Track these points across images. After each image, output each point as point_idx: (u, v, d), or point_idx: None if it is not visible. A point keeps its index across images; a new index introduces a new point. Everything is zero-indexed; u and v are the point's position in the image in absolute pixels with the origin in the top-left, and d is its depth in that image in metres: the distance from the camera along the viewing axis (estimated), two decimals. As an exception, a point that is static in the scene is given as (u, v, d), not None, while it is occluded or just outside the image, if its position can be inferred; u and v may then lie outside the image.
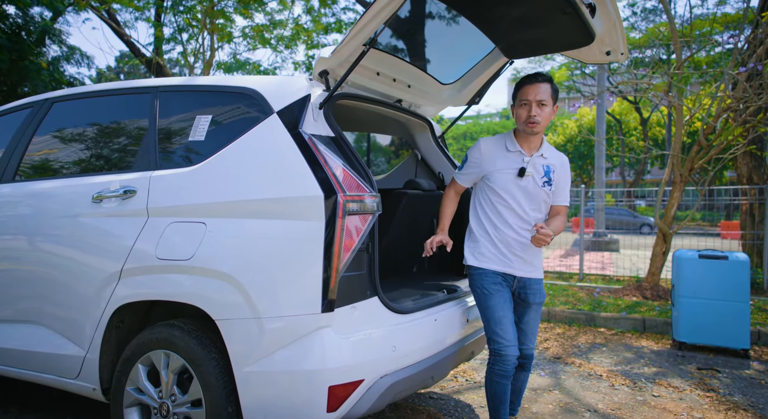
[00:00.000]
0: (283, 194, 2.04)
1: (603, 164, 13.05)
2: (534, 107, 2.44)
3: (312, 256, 1.96)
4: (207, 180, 2.18)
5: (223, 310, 2.02)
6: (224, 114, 2.33)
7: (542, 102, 2.44)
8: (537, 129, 2.47)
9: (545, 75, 2.47)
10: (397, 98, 3.01)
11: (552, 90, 2.47)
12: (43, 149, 2.80)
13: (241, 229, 2.07)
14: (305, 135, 2.09)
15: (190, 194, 2.19)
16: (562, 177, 2.61)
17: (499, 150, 2.56)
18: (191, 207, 2.17)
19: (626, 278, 7.53)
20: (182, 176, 2.24)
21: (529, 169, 2.51)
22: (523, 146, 2.55)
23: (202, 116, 2.35)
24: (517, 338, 2.55)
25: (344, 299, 2.03)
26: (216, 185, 2.16)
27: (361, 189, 2.09)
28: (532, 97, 2.44)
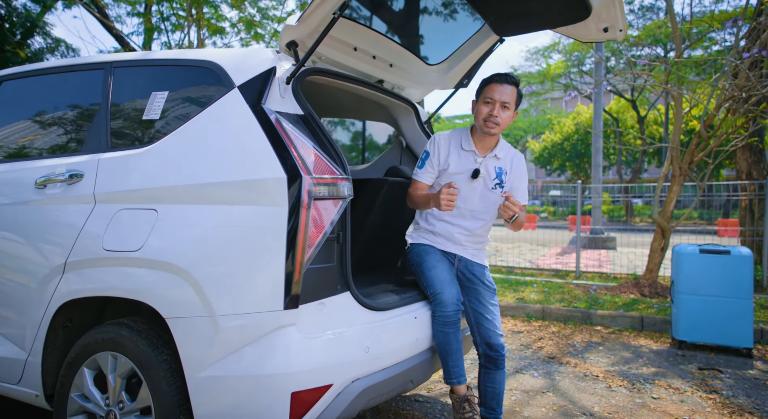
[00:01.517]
0: (242, 177, 1.83)
1: (600, 161, 12.85)
2: (497, 107, 2.39)
3: (273, 246, 1.74)
4: (159, 162, 1.97)
5: (173, 307, 1.80)
6: (182, 90, 2.11)
7: (506, 104, 2.40)
8: (495, 130, 2.42)
9: (515, 77, 2.43)
10: (378, 78, 2.79)
11: (517, 94, 2.44)
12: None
13: (195, 216, 1.85)
14: (268, 112, 1.88)
15: (141, 178, 1.97)
16: (515, 177, 2.56)
17: (454, 147, 2.51)
18: (142, 192, 1.95)
19: (623, 276, 7.34)
20: (133, 158, 2.02)
21: (482, 170, 2.47)
22: (478, 145, 2.50)
23: (158, 92, 2.13)
24: (478, 324, 2.43)
25: (311, 294, 1.82)
26: (169, 167, 1.94)
27: (331, 172, 1.87)
28: (497, 96, 2.39)
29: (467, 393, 2.36)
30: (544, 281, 6.85)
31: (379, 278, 2.72)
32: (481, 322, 2.42)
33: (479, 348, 2.45)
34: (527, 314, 5.40)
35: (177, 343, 1.79)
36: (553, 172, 31.16)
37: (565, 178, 32.68)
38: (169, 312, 1.80)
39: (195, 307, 1.76)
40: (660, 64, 6.02)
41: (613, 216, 23.56)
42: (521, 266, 8.52)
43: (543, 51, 24.87)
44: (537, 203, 27.97)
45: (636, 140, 25.25)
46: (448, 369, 2.31)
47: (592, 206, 13.07)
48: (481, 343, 2.43)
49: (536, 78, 24.23)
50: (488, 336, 2.40)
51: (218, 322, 1.74)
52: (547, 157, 29.45)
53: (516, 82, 2.43)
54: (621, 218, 21.88)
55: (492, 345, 2.40)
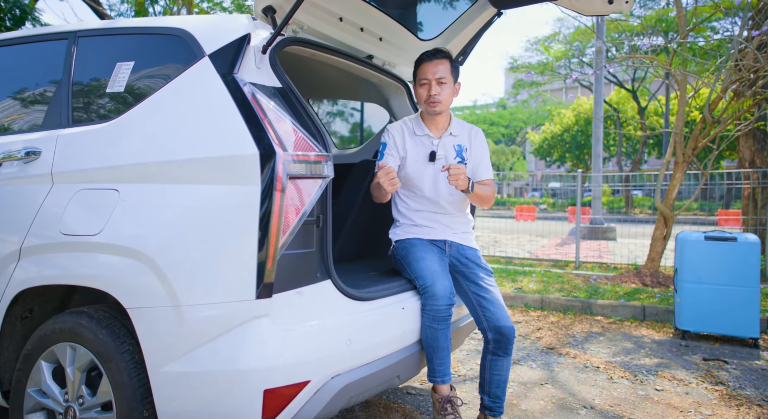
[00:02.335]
0: (210, 154, 1.66)
1: (600, 151, 12.66)
2: (434, 86, 2.33)
3: (245, 229, 1.58)
4: (122, 138, 1.80)
5: (135, 296, 1.64)
6: (150, 60, 1.94)
7: (441, 80, 2.34)
8: (439, 108, 2.36)
9: (444, 51, 2.37)
10: (367, 54, 2.62)
11: (452, 67, 2.37)
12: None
13: (159, 197, 1.68)
14: (241, 82, 1.71)
15: (102, 156, 1.81)
16: (476, 151, 2.48)
17: (408, 135, 2.45)
18: (103, 171, 1.78)
19: (624, 266, 7.19)
20: (93, 134, 1.85)
21: (440, 151, 2.41)
22: (431, 128, 2.45)
23: (123, 63, 1.95)
24: (483, 308, 2.26)
25: (287, 282, 1.66)
26: (132, 143, 1.78)
27: (310, 148, 1.71)
28: (431, 75, 2.33)
29: (450, 394, 2.21)
30: (544, 270, 6.71)
31: (367, 265, 2.57)
32: (486, 305, 2.24)
33: (488, 334, 2.24)
34: (526, 304, 5.26)
35: (139, 335, 1.63)
36: (553, 163, 30.99)
37: (565, 169, 32.50)
38: (130, 302, 1.64)
39: (158, 296, 1.60)
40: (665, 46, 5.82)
41: (613, 207, 23.42)
42: (520, 256, 8.37)
43: (543, 41, 24.58)
44: (537, 195, 27.84)
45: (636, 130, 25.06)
46: (433, 366, 2.15)
47: (591, 197, 12.91)
48: (489, 329, 2.22)
49: (536, 69, 23.97)
50: (496, 319, 2.21)
51: (183, 313, 1.58)
52: (547, 148, 29.27)
53: (446, 55, 2.36)
54: (621, 209, 21.74)
55: (502, 328, 2.20)
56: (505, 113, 38.66)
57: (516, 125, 38.40)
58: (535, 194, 28.13)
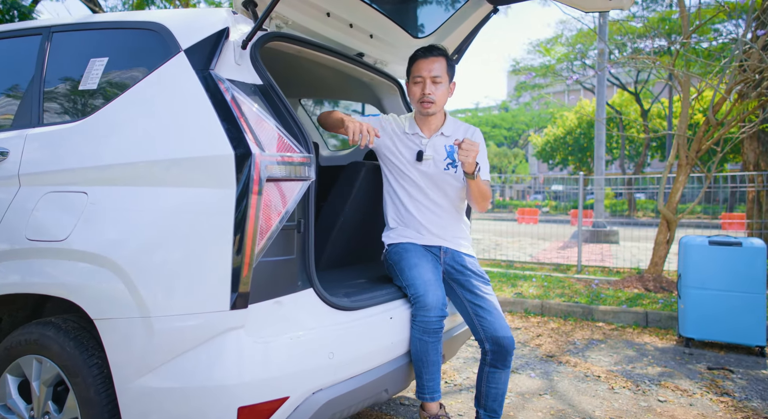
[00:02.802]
0: (183, 154, 1.56)
1: (603, 154, 12.54)
2: (428, 84, 2.20)
3: (219, 235, 1.48)
4: (91, 138, 1.71)
5: (103, 307, 1.54)
6: (125, 56, 1.84)
7: (437, 79, 2.21)
8: (432, 109, 2.24)
9: (440, 48, 2.23)
10: (357, 51, 2.52)
11: (448, 66, 2.24)
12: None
13: (128, 200, 1.59)
14: (217, 78, 1.61)
15: (72, 156, 1.71)
16: None
17: (400, 131, 2.34)
18: (72, 172, 1.69)
19: (626, 270, 7.07)
20: (63, 134, 1.76)
21: (429, 152, 2.28)
22: (423, 127, 2.33)
23: (97, 59, 1.86)
24: (480, 318, 2.15)
25: (264, 291, 1.56)
26: (102, 143, 1.69)
27: (290, 149, 1.61)
28: (426, 73, 2.20)
29: (439, 413, 2.10)
30: (544, 275, 6.59)
31: (358, 271, 2.46)
32: (483, 315, 2.13)
33: (485, 345, 2.14)
34: (525, 309, 5.14)
35: (106, 348, 1.53)
36: (555, 166, 30.84)
37: (568, 172, 32.36)
38: (97, 312, 1.54)
39: (127, 307, 1.50)
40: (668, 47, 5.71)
41: (616, 210, 23.26)
42: (521, 260, 8.26)
43: (546, 43, 24.46)
44: (539, 198, 27.69)
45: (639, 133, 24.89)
46: (421, 382, 2.03)
47: (594, 199, 12.78)
48: (486, 339, 2.12)
49: (538, 71, 23.87)
50: (494, 329, 2.10)
51: (153, 324, 1.48)
52: (549, 151, 29.14)
53: (443, 52, 2.23)
54: (624, 212, 21.59)
55: (500, 339, 2.09)
56: (508, 116, 38.51)
57: (518, 128, 38.22)
58: (538, 197, 28.00)
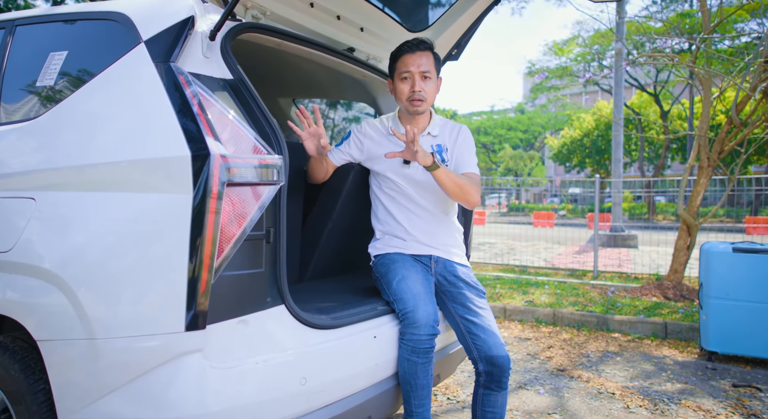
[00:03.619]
0: (137, 156, 1.40)
1: (620, 156, 12.20)
2: (417, 81, 2.04)
3: (174, 246, 1.32)
4: (42, 138, 1.56)
5: (46, 326, 1.39)
6: (84, 49, 1.70)
7: (426, 74, 2.06)
8: (422, 107, 2.08)
9: (427, 42, 2.09)
10: (347, 46, 2.34)
11: (435, 60, 2.10)
12: None
13: (77, 207, 1.43)
14: (177, 71, 1.45)
15: (22, 158, 1.57)
16: (459, 150, 2.17)
17: (383, 135, 2.18)
18: (21, 176, 1.55)
19: (645, 276, 6.78)
20: (15, 134, 1.62)
21: None
22: (409, 127, 2.04)
23: (56, 53, 1.72)
24: (473, 335, 1.95)
25: (227, 310, 1.39)
26: (53, 144, 1.54)
27: (256, 150, 1.44)
28: (414, 68, 2.04)
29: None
30: (558, 281, 6.34)
31: (343, 283, 2.29)
32: (476, 332, 1.93)
33: (478, 366, 1.94)
34: (536, 318, 4.91)
35: (49, 373, 1.37)
36: (573, 169, 30.37)
37: (585, 175, 31.85)
38: (40, 332, 1.39)
39: (72, 327, 1.34)
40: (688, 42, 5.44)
41: (635, 214, 22.75)
42: (536, 265, 8.01)
43: (562, 44, 24.08)
44: (556, 201, 27.25)
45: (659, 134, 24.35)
46: (410, 408, 1.83)
47: (612, 203, 12.44)
48: (480, 359, 1.92)
49: (555, 72, 23.50)
50: (487, 347, 1.90)
51: (99, 348, 1.32)
52: (566, 153, 28.71)
53: (430, 46, 2.09)
54: (643, 216, 21.09)
55: (495, 359, 1.89)
56: (523, 118, 38.04)
57: (534, 130, 37.70)
58: (555, 200, 27.57)
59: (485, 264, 8.10)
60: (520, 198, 28.55)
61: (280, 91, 2.98)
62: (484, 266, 7.98)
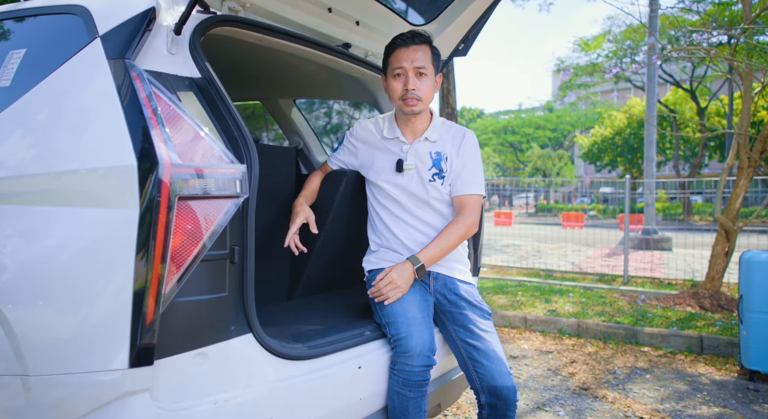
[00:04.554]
0: (80, 165, 1.24)
1: (653, 155, 11.73)
2: (411, 78, 1.82)
3: (116, 269, 1.15)
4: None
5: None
6: (42, 46, 1.55)
7: (421, 70, 1.83)
8: (418, 107, 1.86)
9: (424, 35, 1.86)
10: (342, 41, 2.15)
11: (433, 55, 1.87)
12: None
13: (14, 222, 1.28)
14: (132, 69, 1.28)
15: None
16: (462, 161, 1.93)
17: (377, 138, 1.99)
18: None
19: (679, 282, 6.41)
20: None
21: (410, 160, 1.91)
22: (404, 130, 1.95)
23: (15, 51, 1.58)
24: (474, 362, 1.75)
25: (182, 341, 1.22)
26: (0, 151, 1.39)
27: (216, 158, 1.26)
28: (408, 63, 1.82)
29: None
30: (584, 287, 6.02)
31: (334, 301, 2.10)
32: (479, 358, 1.73)
33: (481, 397, 1.74)
34: (559, 329, 4.63)
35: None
36: (603, 168, 29.58)
37: (617, 174, 31.00)
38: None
39: (6, 362, 1.19)
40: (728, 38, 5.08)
41: (669, 214, 21.94)
42: (562, 269, 7.67)
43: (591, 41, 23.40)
44: (586, 201, 26.55)
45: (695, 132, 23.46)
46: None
47: (644, 203, 11.95)
48: (482, 390, 1.72)
49: (584, 69, 22.87)
50: (491, 376, 1.69)
51: (32, 386, 1.16)
52: (597, 152, 28.00)
53: (427, 39, 1.86)
54: (678, 217, 20.31)
55: (499, 390, 1.68)
56: (552, 116, 37.19)
57: (563, 129, 36.81)
58: (585, 200, 26.87)
59: (509, 268, 7.81)
60: (548, 198, 27.91)
61: (276, 90, 2.82)
62: (508, 269, 7.70)
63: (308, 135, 2.88)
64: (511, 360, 3.92)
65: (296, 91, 2.80)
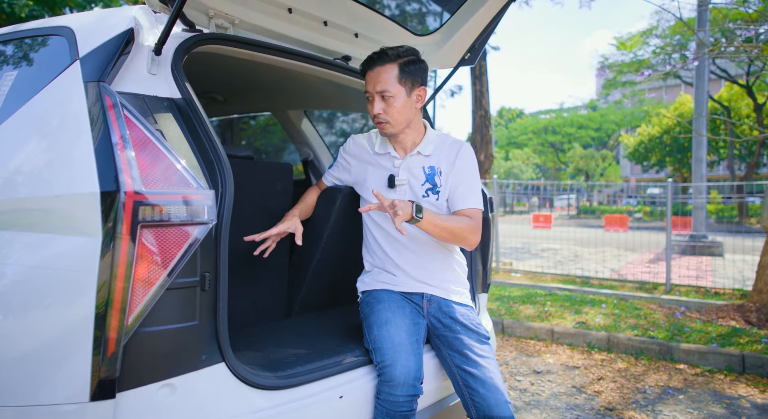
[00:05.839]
0: (49, 192, 1.24)
1: (702, 156, 11.14)
2: (376, 102, 1.77)
3: (78, 298, 1.14)
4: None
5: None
6: (31, 68, 1.57)
7: (385, 93, 1.75)
8: (388, 130, 1.81)
9: (388, 52, 1.76)
10: (342, 54, 2.10)
11: (401, 73, 1.76)
12: None
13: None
14: (105, 93, 1.27)
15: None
16: (458, 175, 1.85)
17: (369, 153, 1.95)
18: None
19: (728, 291, 6.05)
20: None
21: (403, 175, 1.85)
22: (396, 146, 1.90)
23: (8, 73, 1.61)
24: (470, 390, 1.66)
25: (147, 372, 1.19)
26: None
27: (183, 184, 1.23)
28: (371, 87, 1.78)
29: None
30: (621, 296, 5.76)
31: (327, 322, 2.05)
32: (475, 386, 1.65)
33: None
34: (588, 343, 4.44)
35: None
36: (651, 168, 28.51)
37: (665, 174, 29.83)
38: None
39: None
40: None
41: (723, 217, 20.87)
42: (600, 276, 7.38)
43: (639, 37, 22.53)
44: (632, 203, 25.62)
45: (752, 130, 22.21)
46: None
47: (692, 206, 11.38)
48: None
49: (629, 67, 22.07)
50: (488, 406, 1.61)
51: (0, 416, 1.15)
52: (643, 152, 26.98)
53: (390, 56, 1.75)
54: (733, 220, 19.28)
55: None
56: (595, 115, 36.05)
57: (608, 128, 35.63)
58: (631, 202, 25.96)
59: (543, 274, 7.58)
60: (591, 200, 27.10)
61: (284, 102, 2.80)
62: (542, 276, 7.47)
63: (318, 146, 2.85)
64: (534, 374, 3.77)
65: (304, 103, 2.77)
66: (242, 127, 5.60)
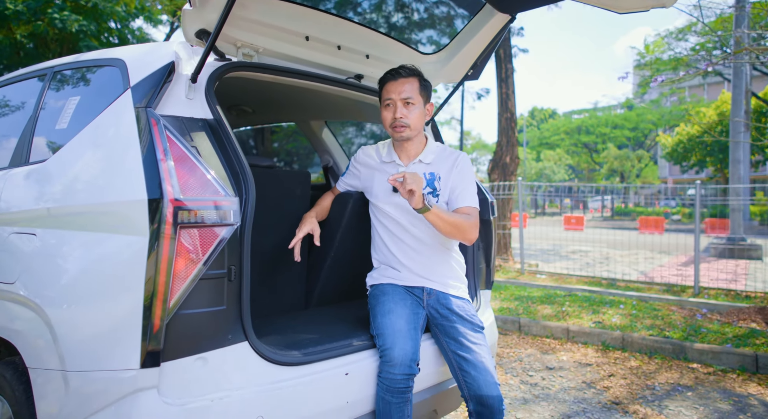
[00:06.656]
0: (108, 198, 1.53)
1: (740, 157, 10.90)
2: (399, 107, 2.02)
3: (130, 286, 1.41)
4: (46, 179, 1.76)
5: (35, 355, 1.57)
6: (92, 94, 1.89)
7: (408, 100, 2.03)
8: (406, 134, 2.05)
9: (411, 68, 2.07)
10: (354, 73, 2.35)
11: (420, 86, 2.06)
12: None
13: (61, 244, 1.60)
14: (151, 116, 1.55)
15: (29, 197, 1.78)
16: (455, 180, 2.09)
17: (376, 162, 2.20)
18: (28, 214, 1.75)
19: (760, 295, 6.02)
20: (29, 174, 1.84)
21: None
22: (401, 154, 2.15)
23: (73, 98, 1.92)
24: (463, 372, 1.89)
25: (185, 347, 1.46)
26: (52, 184, 1.73)
27: (213, 192, 1.50)
28: (395, 95, 2.03)
29: None
30: (641, 298, 5.82)
31: (340, 312, 2.31)
32: (467, 369, 1.88)
33: (469, 405, 1.89)
34: (603, 342, 4.55)
35: (35, 400, 1.53)
36: (690, 169, 27.74)
37: (706, 175, 28.98)
38: (30, 360, 1.56)
39: (51, 358, 1.49)
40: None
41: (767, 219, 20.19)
42: (627, 278, 7.38)
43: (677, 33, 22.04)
44: (671, 204, 25.03)
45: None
46: None
47: (730, 208, 11.15)
48: (470, 398, 1.87)
49: (667, 65, 21.60)
50: (478, 386, 1.84)
51: (69, 380, 1.44)
52: (682, 152, 26.27)
53: (414, 71, 2.06)
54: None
55: (485, 399, 1.82)
56: (631, 115, 35.29)
57: (644, 128, 34.83)
58: (669, 204, 25.36)
59: (569, 276, 7.64)
60: (627, 201, 26.58)
61: (306, 114, 3.07)
62: (568, 278, 7.54)
63: (338, 154, 3.10)
64: (546, 370, 3.93)
65: (324, 115, 3.03)
66: (275, 129, 5.95)
